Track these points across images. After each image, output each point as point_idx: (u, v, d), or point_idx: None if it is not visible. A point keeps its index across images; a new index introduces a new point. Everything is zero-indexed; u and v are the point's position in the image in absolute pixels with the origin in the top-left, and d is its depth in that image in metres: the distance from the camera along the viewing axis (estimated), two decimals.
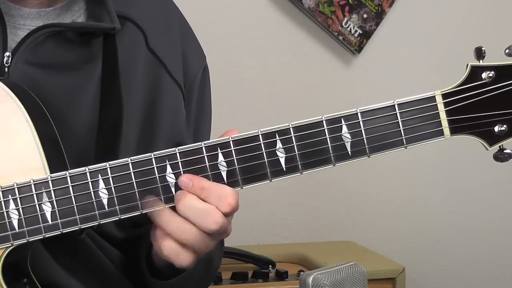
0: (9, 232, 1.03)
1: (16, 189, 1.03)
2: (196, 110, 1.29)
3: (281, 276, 2.17)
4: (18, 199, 1.03)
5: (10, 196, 1.03)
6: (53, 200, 1.02)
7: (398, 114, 1.00)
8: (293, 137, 1.00)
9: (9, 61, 1.12)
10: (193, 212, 1.01)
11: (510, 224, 2.83)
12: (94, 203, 1.02)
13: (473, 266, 2.82)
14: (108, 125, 1.14)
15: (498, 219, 2.82)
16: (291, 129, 1.01)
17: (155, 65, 1.22)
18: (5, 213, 1.03)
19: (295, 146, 1.00)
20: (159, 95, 1.22)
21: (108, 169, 1.02)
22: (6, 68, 1.12)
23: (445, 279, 2.80)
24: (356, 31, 2.64)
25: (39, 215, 1.02)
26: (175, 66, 1.25)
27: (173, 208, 1.02)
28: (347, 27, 2.63)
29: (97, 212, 1.02)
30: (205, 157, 1.01)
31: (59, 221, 1.02)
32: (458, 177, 2.78)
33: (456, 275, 2.81)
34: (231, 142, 1.01)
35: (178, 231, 1.02)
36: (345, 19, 2.63)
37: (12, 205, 1.03)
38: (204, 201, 1.01)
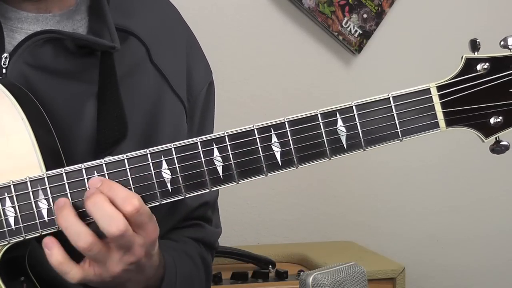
0: (5, 229, 1.03)
1: (12, 187, 1.03)
2: (199, 123, 1.29)
3: (281, 276, 2.17)
4: (14, 196, 1.03)
5: (6, 194, 1.03)
6: (49, 197, 1.02)
7: (393, 107, 1.00)
8: (288, 131, 1.00)
9: (7, 63, 1.12)
10: (100, 214, 0.97)
11: (510, 224, 2.83)
12: None
13: (473, 266, 2.81)
14: (108, 141, 1.13)
15: (498, 219, 2.82)
16: (286, 123, 1.01)
17: (158, 80, 1.22)
18: (1, 211, 1.03)
19: (290, 140, 1.00)
20: (160, 109, 1.22)
21: (104, 165, 1.02)
22: (4, 69, 1.12)
23: (445, 279, 2.79)
24: (356, 31, 2.64)
25: (35, 212, 1.03)
26: (178, 82, 1.25)
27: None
28: (347, 27, 2.63)
29: None
30: (201, 152, 1.01)
31: (55, 217, 1.01)
32: (458, 177, 2.78)
33: (456, 275, 2.80)
34: (226, 137, 1.01)
35: (75, 235, 0.98)
36: (345, 19, 2.62)
37: (8, 202, 1.03)
38: (110, 200, 0.98)
